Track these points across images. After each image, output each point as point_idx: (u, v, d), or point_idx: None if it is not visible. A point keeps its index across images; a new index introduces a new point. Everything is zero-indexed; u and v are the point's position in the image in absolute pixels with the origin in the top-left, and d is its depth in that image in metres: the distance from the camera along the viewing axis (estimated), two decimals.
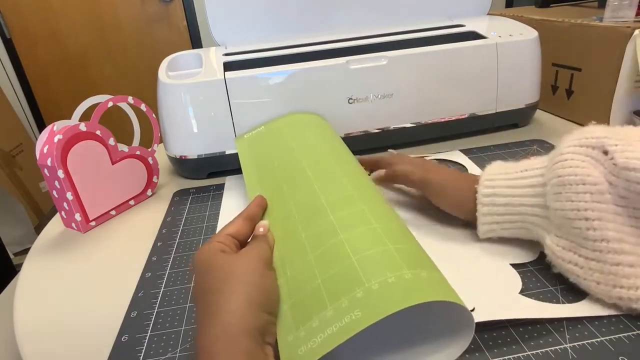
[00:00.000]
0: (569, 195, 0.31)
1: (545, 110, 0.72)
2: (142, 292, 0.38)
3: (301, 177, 0.40)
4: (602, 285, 0.30)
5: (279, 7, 0.66)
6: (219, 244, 0.31)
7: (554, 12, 0.77)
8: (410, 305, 0.24)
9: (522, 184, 0.35)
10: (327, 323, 0.25)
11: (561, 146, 0.33)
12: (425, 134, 0.62)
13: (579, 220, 0.30)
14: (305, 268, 0.30)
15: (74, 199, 0.47)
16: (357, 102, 0.57)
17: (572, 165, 0.31)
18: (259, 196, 0.39)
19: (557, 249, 0.32)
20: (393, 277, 0.25)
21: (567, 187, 0.31)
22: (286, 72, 0.55)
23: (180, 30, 2.23)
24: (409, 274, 0.26)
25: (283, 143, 0.48)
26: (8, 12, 2.02)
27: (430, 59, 0.58)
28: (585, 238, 0.30)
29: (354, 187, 0.36)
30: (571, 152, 0.32)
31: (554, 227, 0.33)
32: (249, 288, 0.28)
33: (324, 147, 0.46)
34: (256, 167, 0.47)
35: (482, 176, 0.38)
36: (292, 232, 0.34)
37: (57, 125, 0.48)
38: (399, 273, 0.26)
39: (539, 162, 0.35)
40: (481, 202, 0.37)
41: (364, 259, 0.28)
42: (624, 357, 0.27)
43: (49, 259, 0.45)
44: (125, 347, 0.32)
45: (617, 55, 0.57)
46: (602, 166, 0.30)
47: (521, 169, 0.36)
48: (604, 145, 0.31)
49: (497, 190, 0.36)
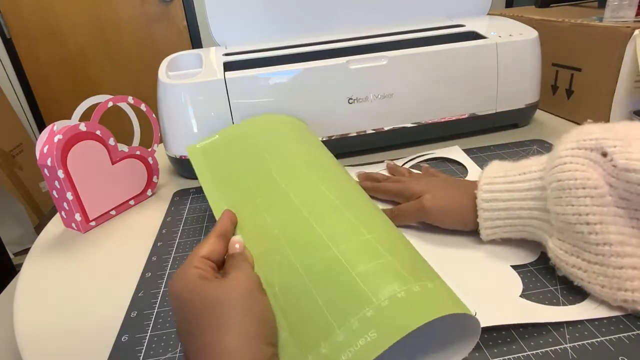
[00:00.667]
0: (570, 200, 0.31)
1: (545, 110, 0.72)
2: (142, 292, 0.38)
3: (275, 188, 0.37)
4: (606, 288, 0.30)
5: (279, 7, 0.66)
6: (196, 270, 0.27)
7: (554, 12, 0.77)
8: (426, 321, 0.23)
9: (521, 188, 0.35)
10: (340, 348, 0.23)
11: (559, 148, 0.33)
12: (425, 134, 0.62)
13: (580, 225, 0.30)
14: (298, 287, 0.27)
15: (74, 199, 0.47)
16: (357, 102, 0.57)
17: (571, 169, 0.31)
18: (227, 211, 0.36)
19: (560, 252, 0.32)
20: (402, 292, 0.24)
21: (567, 192, 0.31)
22: (286, 72, 0.55)
23: (180, 30, 2.23)
24: (416, 287, 0.25)
25: (250, 151, 0.44)
26: (8, 12, 2.02)
27: (430, 59, 0.58)
28: (587, 242, 0.30)
29: (338, 195, 0.34)
30: (570, 155, 0.32)
31: (556, 231, 0.33)
32: (246, 318, 0.24)
33: (298, 152, 0.42)
34: (217, 179, 0.42)
35: (480, 180, 0.38)
36: (273, 247, 0.31)
37: (57, 125, 0.48)
38: (406, 287, 0.25)
39: (537, 164, 0.35)
40: (482, 207, 0.37)
41: (365, 274, 0.26)
42: (624, 357, 0.27)
43: (49, 259, 0.45)
44: (125, 347, 0.32)
45: (617, 55, 0.57)
46: (601, 168, 0.30)
47: (519, 171, 0.36)
48: (602, 147, 0.30)
49: (496, 194, 0.36)
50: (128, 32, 2.18)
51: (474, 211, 0.37)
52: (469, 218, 0.38)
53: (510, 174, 0.36)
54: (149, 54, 2.23)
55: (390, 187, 0.46)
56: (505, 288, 0.34)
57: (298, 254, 0.29)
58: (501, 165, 0.39)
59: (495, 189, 0.36)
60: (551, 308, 0.32)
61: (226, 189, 0.40)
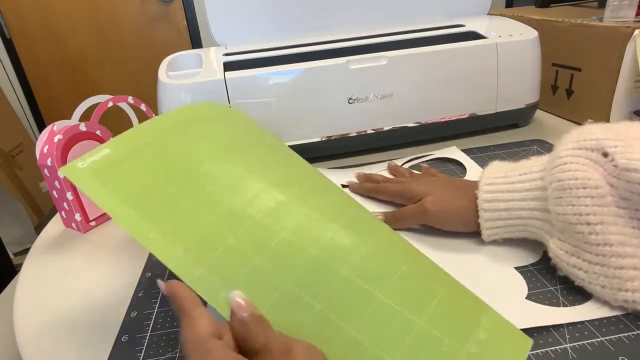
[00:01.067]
0: (570, 200, 0.31)
1: (545, 110, 0.72)
2: (142, 292, 0.38)
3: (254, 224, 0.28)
4: (607, 289, 0.30)
5: (279, 7, 0.66)
6: (233, 357, 0.20)
7: (554, 12, 0.77)
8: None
9: (522, 188, 0.35)
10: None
11: (560, 149, 0.33)
12: (425, 134, 0.62)
13: (581, 225, 0.30)
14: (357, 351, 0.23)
15: (74, 199, 0.47)
16: (357, 102, 0.57)
17: (571, 169, 0.31)
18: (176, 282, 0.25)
19: (561, 252, 0.32)
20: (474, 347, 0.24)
21: (567, 192, 0.31)
22: (286, 72, 0.55)
23: (180, 30, 2.23)
24: (483, 334, 0.25)
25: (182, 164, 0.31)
26: (8, 12, 2.02)
27: (430, 59, 0.58)
28: (588, 242, 0.30)
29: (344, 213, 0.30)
30: (570, 155, 0.32)
31: (557, 231, 0.33)
32: None
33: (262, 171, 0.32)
34: (142, 212, 0.28)
35: (481, 180, 0.38)
36: (291, 301, 0.25)
37: (57, 125, 0.48)
38: (475, 337, 0.25)
39: (537, 165, 0.35)
40: (482, 208, 0.37)
41: (432, 321, 0.24)
42: (624, 357, 0.27)
43: (49, 259, 0.45)
44: (125, 347, 0.32)
45: (617, 55, 0.57)
46: (602, 168, 0.30)
47: (520, 172, 0.36)
48: (603, 147, 0.30)
49: (497, 195, 0.36)
50: (128, 32, 2.18)
51: (475, 212, 0.37)
52: (470, 219, 0.38)
53: (511, 175, 0.36)
54: (149, 54, 2.23)
55: (390, 188, 0.45)
56: (512, 291, 0.33)
57: (330, 306, 0.25)
58: (501, 166, 0.39)
59: (496, 189, 0.37)
60: (558, 310, 0.31)
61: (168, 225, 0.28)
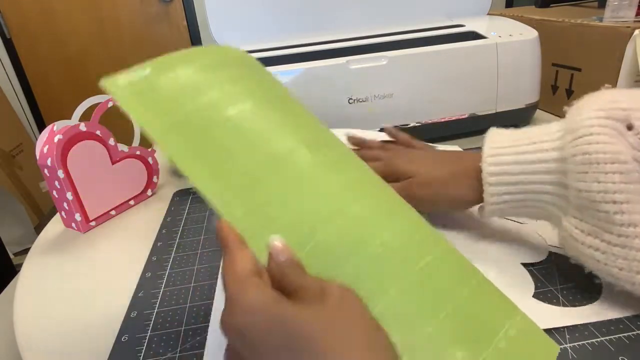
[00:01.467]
0: (597, 176, 0.27)
1: (545, 110, 0.72)
2: (142, 292, 0.38)
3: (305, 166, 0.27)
4: (624, 271, 0.28)
5: (279, 7, 0.66)
6: (271, 294, 0.20)
7: (554, 12, 0.77)
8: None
9: (533, 159, 0.32)
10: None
11: (582, 117, 0.29)
12: (425, 134, 0.62)
13: (605, 204, 0.27)
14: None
15: (74, 199, 0.47)
16: (357, 102, 0.57)
17: (599, 140, 0.28)
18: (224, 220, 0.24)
19: (576, 231, 0.30)
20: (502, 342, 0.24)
21: (594, 166, 0.27)
22: (286, 72, 0.55)
23: (180, 30, 2.23)
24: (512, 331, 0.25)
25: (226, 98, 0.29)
26: (8, 12, 2.02)
27: (430, 59, 0.58)
28: (611, 222, 0.27)
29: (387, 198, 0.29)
30: (597, 124, 0.28)
31: (573, 208, 0.30)
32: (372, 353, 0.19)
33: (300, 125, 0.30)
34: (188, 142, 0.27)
35: (484, 152, 0.34)
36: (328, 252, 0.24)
37: (57, 125, 0.48)
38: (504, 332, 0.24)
39: (549, 133, 0.32)
40: (488, 182, 0.33)
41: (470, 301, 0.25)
42: (624, 357, 0.27)
43: (49, 259, 0.45)
44: (125, 347, 0.32)
45: (617, 55, 0.57)
46: (627, 142, 0.27)
47: (529, 141, 0.32)
48: (629, 119, 0.27)
49: (504, 167, 0.33)
50: (128, 32, 2.18)
51: (474, 189, 0.34)
52: (469, 197, 0.35)
53: (520, 144, 0.33)
54: (149, 53, 2.21)
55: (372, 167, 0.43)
56: (518, 289, 0.33)
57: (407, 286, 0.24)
58: (505, 134, 0.35)
59: (503, 161, 0.33)
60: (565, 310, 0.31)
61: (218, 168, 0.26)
